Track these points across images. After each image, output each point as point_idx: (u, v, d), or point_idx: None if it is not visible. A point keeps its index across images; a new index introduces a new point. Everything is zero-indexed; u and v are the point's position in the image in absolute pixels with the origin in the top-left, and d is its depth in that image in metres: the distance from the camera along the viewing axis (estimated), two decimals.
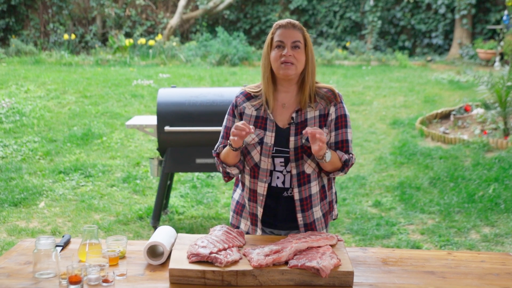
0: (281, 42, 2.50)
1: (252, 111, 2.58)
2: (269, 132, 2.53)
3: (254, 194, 2.60)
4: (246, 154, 2.57)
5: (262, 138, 2.53)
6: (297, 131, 2.52)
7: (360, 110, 9.45)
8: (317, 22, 17.29)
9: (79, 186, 6.08)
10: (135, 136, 7.74)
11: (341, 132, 2.57)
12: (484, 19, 15.56)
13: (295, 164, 2.53)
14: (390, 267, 2.35)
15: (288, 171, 2.55)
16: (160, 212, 4.96)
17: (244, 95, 2.64)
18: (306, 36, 2.53)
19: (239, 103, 2.62)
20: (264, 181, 2.56)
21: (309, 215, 2.60)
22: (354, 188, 6.08)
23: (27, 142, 7.34)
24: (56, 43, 15.95)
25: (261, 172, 2.55)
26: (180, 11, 16.29)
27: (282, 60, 2.48)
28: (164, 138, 4.72)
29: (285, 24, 2.52)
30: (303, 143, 2.51)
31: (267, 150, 2.53)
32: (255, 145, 2.54)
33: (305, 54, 2.52)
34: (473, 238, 4.86)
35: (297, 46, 2.49)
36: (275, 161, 2.54)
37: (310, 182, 2.56)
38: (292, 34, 2.49)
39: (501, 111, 7.45)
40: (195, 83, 11.01)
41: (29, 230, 4.94)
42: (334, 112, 2.56)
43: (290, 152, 2.52)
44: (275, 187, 2.58)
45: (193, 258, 2.19)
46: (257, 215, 2.61)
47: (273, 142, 2.53)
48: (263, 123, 2.55)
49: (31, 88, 9.98)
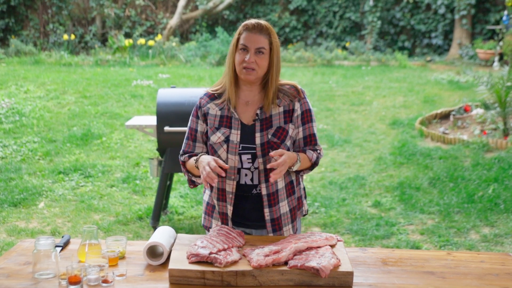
0: (245, 46, 2.50)
1: (216, 111, 2.60)
2: (234, 130, 2.56)
3: (223, 193, 2.61)
4: (213, 153, 2.58)
5: (228, 136, 2.56)
6: (262, 127, 2.55)
7: (359, 110, 9.45)
8: (316, 22, 17.29)
9: (78, 187, 6.08)
10: (134, 136, 7.74)
11: (308, 126, 2.62)
12: (483, 19, 15.56)
13: (262, 159, 2.55)
14: (389, 267, 2.35)
15: (256, 168, 2.57)
16: (159, 213, 4.96)
17: (207, 96, 2.66)
18: (272, 40, 2.51)
19: (203, 104, 2.64)
20: (232, 179, 2.57)
21: (276, 210, 2.60)
22: (354, 189, 6.08)
23: (27, 143, 7.34)
24: (55, 43, 15.95)
25: (228, 170, 2.55)
26: (180, 11, 16.29)
27: (244, 65, 2.49)
28: (164, 139, 4.72)
29: (251, 28, 2.50)
30: (269, 139, 2.54)
31: (233, 148, 2.55)
32: (221, 143, 2.56)
33: (270, 58, 2.52)
34: (473, 238, 4.86)
35: (260, 52, 2.49)
36: (242, 158, 2.56)
37: None
38: (257, 40, 2.49)
39: (501, 111, 7.45)
40: (194, 83, 11.01)
41: (29, 231, 4.94)
42: (299, 108, 2.60)
43: (257, 148, 2.54)
44: (244, 185, 2.59)
45: (192, 259, 2.19)
46: (227, 214, 2.63)
47: (239, 140, 2.55)
48: (228, 122, 2.57)
49: (31, 88, 9.98)
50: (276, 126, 2.55)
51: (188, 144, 2.66)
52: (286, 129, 2.56)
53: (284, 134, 2.55)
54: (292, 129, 2.58)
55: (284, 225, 2.63)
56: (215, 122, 2.59)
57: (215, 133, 2.57)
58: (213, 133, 2.58)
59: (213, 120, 2.59)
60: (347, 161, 6.99)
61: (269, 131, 2.54)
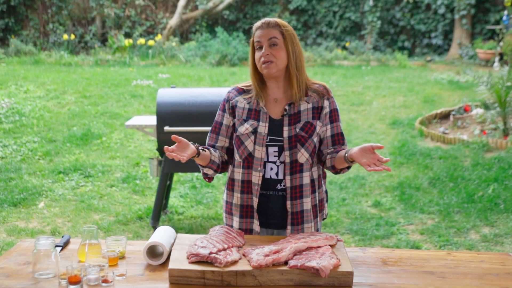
0: (259, 43, 2.57)
1: (244, 104, 2.64)
2: (262, 122, 2.58)
3: (248, 185, 2.61)
4: (240, 145, 2.60)
5: (256, 128, 2.58)
6: (290, 122, 2.58)
7: (359, 110, 9.45)
8: (316, 22, 17.29)
9: (78, 186, 6.08)
10: (134, 136, 7.74)
11: (335, 125, 2.65)
12: (483, 19, 15.56)
13: (289, 152, 2.56)
14: (389, 267, 2.35)
15: (281, 162, 2.58)
16: (159, 212, 4.96)
17: (236, 90, 2.71)
18: (284, 31, 2.55)
19: (231, 97, 2.68)
20: (258, 170, 2.58)
21: (299, 204, 2.60)
22: (354, 188, 6.08)
23: (27, 142, 7.34)
24: (55, 43, 15.95)
25: (255, 161, 2.58)
26: (180, 11, 16.29)
27: (262, 60, 2.54)
28: (164, 138, 4.72)
29: (260, 25, 2.58)
30: (297, 132, 2.56)
31: (261, 139, 2.57)
32: (249, 134, 2.58)
33: (286, 48, 2.55)
34: (473, 238, 4.87)
35: (274, 44, 2.54)
36: (269, 150, 2.58)
37: (303, 172, 2.59)
38: (267, 33, 2.54)
39: (501, 111, 7.46)
40: (194, 83, 11.01)
41: (29, 230, 4.94)
42: (328, 106, 2.62)
43: (284, 141, 2.56)
44: (269, 179, 2.60)
45: (192, 258, 2.19)
46: (253, 206, 2.62)
47: (267, 132, 2.57)
48: (256, 115, 2.60)
49: (31, 88, 9.98)
50: (304, 121, 2.57)
51: (211, 137, 2.71)
52: (314, 124, 2.59)
53: (312, 129, 2.58)
54: (319, 126, 2.60)
55: (305, 222, 2.62)
56: (243, 114, 2.62)
57: (243, 125, 2.60)
58: (241, 124, 2.61)
59: (241, 112, 2.63)
60: None
61: (297, 125, 2.57)
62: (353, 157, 2.46)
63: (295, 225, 2.61)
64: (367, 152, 2.42)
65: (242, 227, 2.65)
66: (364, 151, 2.43)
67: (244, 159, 2.60)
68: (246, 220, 2.65)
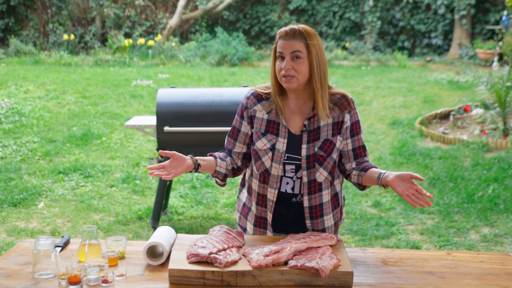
0: (281, 54, 2.44)
1: (263, 114, 2.53)
2: (281, 138, 2.50)
3: (263, 199, 2.57)
4: (257, 159, 2.54)
5: (274, 144, 2.50)
6: (309, 139, 2.49)
7: (359, 110, 9.44)
8: (316, 23, 17.29)
9: (78, 187, 6.08)
10: (134, 136, 7.74)
11: (357, 138, 2.55)
12: (483, 20, 15.56)
13: (307, 172, 2.49)
14: (389, 267, 2.35)
15: (298, 177, 2.52)
16: (159, 213, 4.96)
17: (254, 96, 2.58)
18: (309, 43, 2.41)
19: (250, 105, 2.56)
20: (274, 187, 2.52)
21: (320, 222, 2.57)
22: (354, 188, 6.07)
23: (27, 143, 7.34)
24: (55, 43, 15.95)
25: (271, 178, 2.52)
26: (180, 12, 16.28)
27: (282, 73, 2.42)
28: (164, 139, 4.72)
29: (284, 34, 2.44)
30: (316, 152, 2.48)
31: (278, 157, 2.50)
32: (267, 151, 2.51)
33: (309, 62, 2.42)
34: (473, 238, 4.86)
35: (297, 57, 2.41)
36: (286, 167, 2.52)
37: (322, 191, 2.53)
38: (291, 45, 2.41)
39: (501, 111, 7.45)
40: (194, 83, 11.01)
41: (29, 231, 4.94)
42: (349, 120, 2.52)
43: (302, 160, 2.49)
44: (284, 193, 2.55)
45: (192, 259, 2.18)
46: (267, 219, 2.59)
47: (285, 149, 2.50)
48: (275, 128, 2.51)
49: (31, 88, 9.98)
50: (324, 139, 2.48)
51: (229, 142, 2.63)
52: (333, 142, 2.50)
53: (331, 147, 2.49)
54: (339, 141, 2.51)
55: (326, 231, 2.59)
56: (261, 127, 2.53)
57: (261, 139, 2.52)
58: (258, 138, 2.53)
59: (259, 125, 2.53)
60: None
61: (316, 143, 2.47)
62: (389, 184, 2.36)
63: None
64: (405, 180, 2.32)
65: (255, 233, 2.65)
66: (401, 179, 2.32)
67: (260, 173, 2.55)
68: (260, 229, 2.64)
